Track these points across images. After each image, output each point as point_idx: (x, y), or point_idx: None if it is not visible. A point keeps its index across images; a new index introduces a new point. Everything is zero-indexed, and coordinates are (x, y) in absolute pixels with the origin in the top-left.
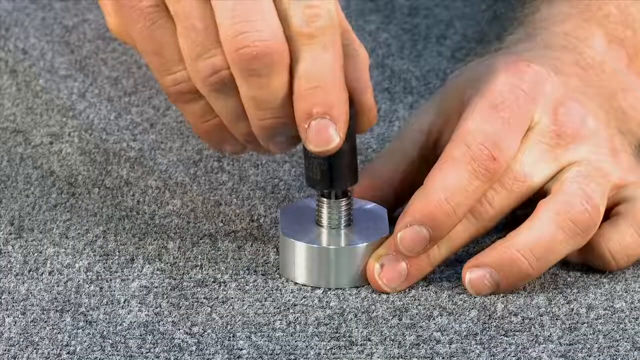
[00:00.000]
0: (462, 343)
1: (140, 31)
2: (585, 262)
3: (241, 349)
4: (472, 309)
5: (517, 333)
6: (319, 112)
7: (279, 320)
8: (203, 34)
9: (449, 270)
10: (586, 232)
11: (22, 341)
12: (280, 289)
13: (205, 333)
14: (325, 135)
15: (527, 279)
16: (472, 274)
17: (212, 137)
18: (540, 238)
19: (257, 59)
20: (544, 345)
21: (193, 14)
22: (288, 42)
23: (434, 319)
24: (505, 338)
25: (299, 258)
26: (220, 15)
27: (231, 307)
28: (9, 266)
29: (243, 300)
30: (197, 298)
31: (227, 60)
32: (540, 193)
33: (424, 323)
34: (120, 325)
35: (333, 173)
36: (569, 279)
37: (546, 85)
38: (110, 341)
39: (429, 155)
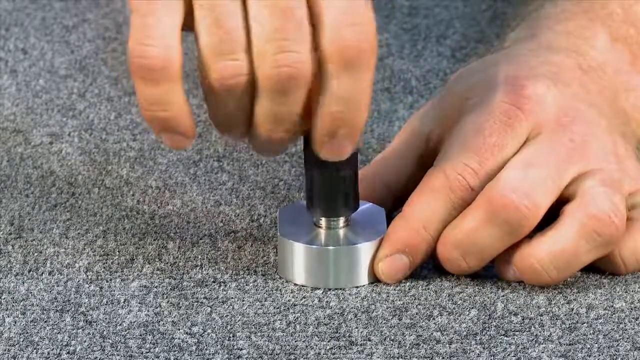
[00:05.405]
0: (462, 343)
1: None
2: (594, 265)
3: (241, 349)
4: (472, 308)
5: (517, 333)
6: (343, 133)
7: (279, 320)
8: (232, 33)
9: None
10: (611, 243)
11: (22, 341)
12: (280, 289)
13: (205, 333)
14: (344, 150)
15: (548, 284)
16: (501, 266)
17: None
18: (562, 249)
19: (293, 80)
20: (544, 345)
21: (223, 10)
22: (321, 61)
23: (434, 319)
24: (505, 338)
25: (298, 259)
26: (259, 24)
27: (231, 307)
28: (9, 266)
29: (243, 300)
30: (197, 298)
31: (251, 68)
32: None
33: (424, 323)
34: (120, 325)
35: (331, 201)
36: (569, 279)
37: (547, 97)
38: (110, 341)
39: (427, 160)
